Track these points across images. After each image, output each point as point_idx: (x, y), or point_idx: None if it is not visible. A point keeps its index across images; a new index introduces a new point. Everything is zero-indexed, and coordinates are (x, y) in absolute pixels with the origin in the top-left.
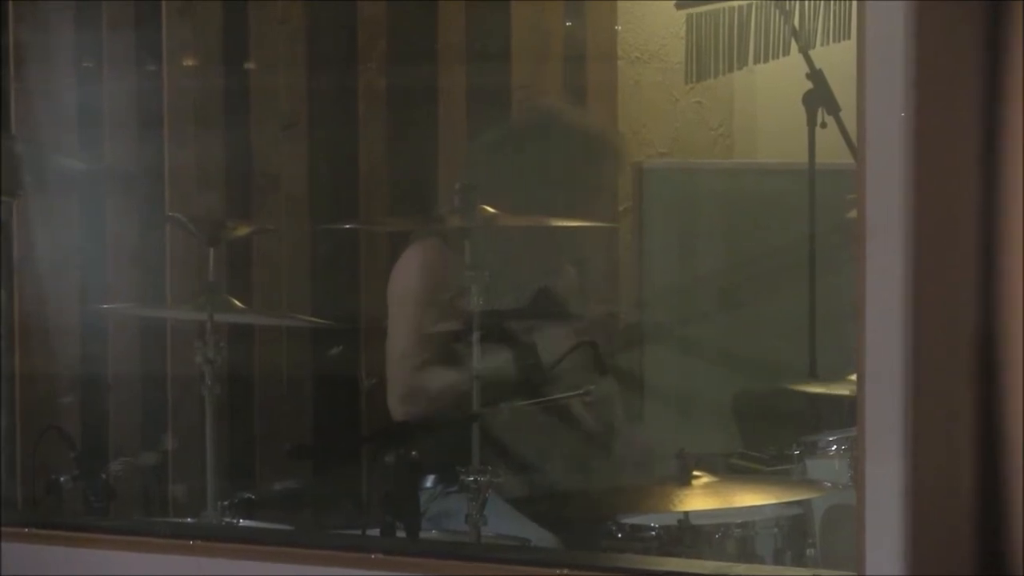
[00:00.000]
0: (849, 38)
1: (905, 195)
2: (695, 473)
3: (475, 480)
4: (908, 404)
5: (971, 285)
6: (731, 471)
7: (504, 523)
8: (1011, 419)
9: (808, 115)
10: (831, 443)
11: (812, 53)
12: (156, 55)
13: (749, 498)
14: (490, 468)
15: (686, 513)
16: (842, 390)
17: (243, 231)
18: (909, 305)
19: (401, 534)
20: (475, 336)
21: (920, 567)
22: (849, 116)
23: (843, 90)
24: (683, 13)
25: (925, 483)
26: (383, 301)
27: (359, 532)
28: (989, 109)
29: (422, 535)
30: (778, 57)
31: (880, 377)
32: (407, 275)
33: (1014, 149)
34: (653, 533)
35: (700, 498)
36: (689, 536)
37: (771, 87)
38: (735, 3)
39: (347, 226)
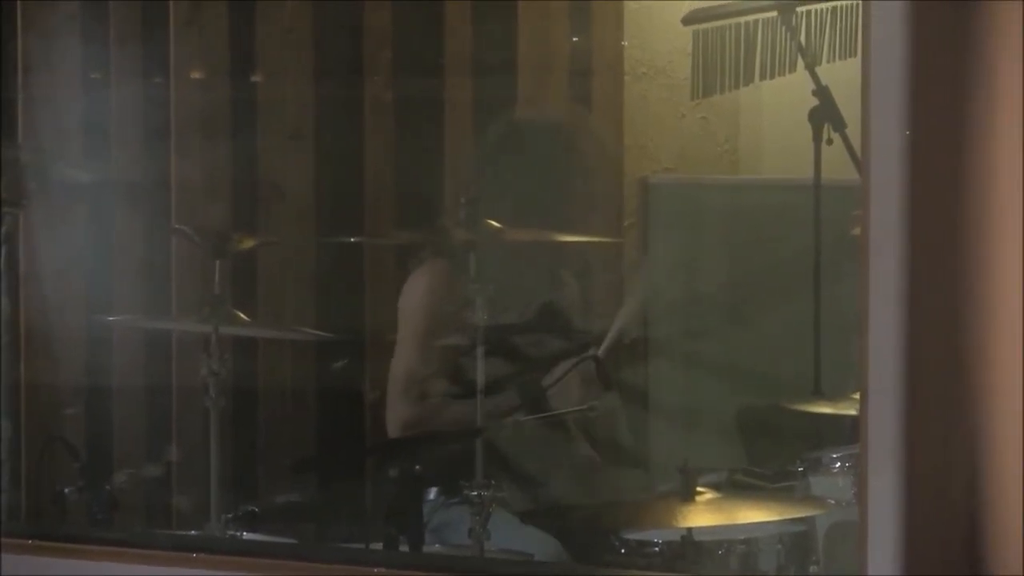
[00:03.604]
0: (855, 55)
1: (909, 211)
2: (698, 489)
3: (479, 494)
4: (909, 417)
5: (972, 301)
6: (735, 487)
7: (507, 537)
8: (1002, 430)
9: (814, 131)
10: (835, 460)
11: (818, 70)
12: (163, 66)
13: (753, 514)
14: (493, 482)
15: (689, 529)
16: (847, 408)
17: (248, 243)
18: (912, 320)
19: (404, 548)
20: (480, 350)
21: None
22: (855, 133)
23: (849, 107)
24: (690, 29)
25: (925, 495)
26: (388, 314)
27: (362, 546)
28: (990, 123)
29: (425, 549)
30: (784, 74)
31: (883, 391)
32: (412, 300)
33: (1012, 161)
34: (656, 549)
35: (703, 514)
36: (692, 552)
37: (777, 103)
38: (742, 19)
39: (352, 239)
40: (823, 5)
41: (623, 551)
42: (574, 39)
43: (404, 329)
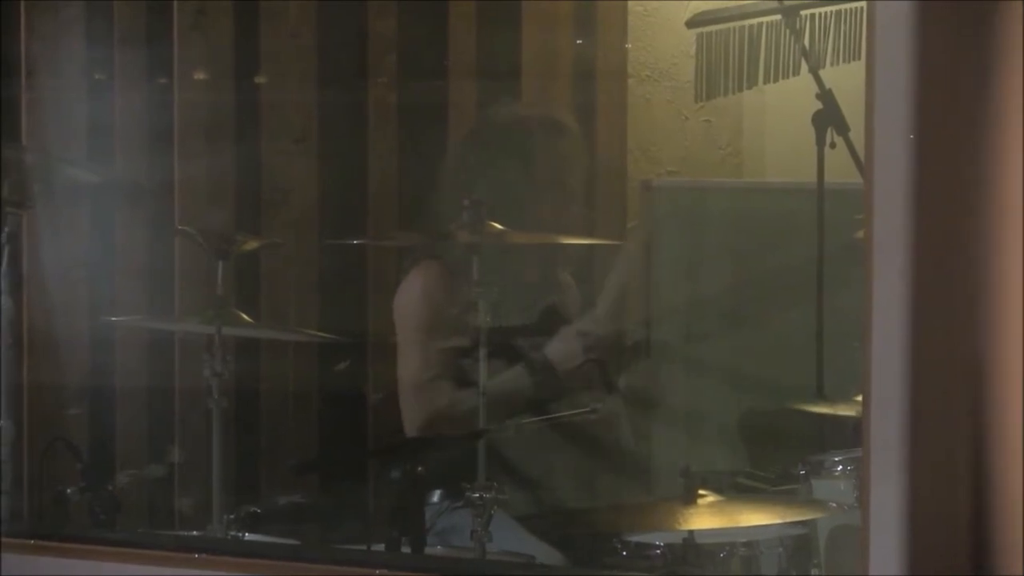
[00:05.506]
0: (859, 58)
1: (912, 215)
2: (700, 492)
3: (481, 496)
4: (912, 422)
5: (975, 305)
6: (737, 490)
7: (509, 540)
8: (1005, 435)
9: (817, 135)
10: (837, 463)
11: (822, 73)
12: (167, 69)
13: (754, 517)
14: (495, 485)
15: (691, 531)
16: (849, 411)
17: (252, 245)
18: (915, 324)
19: (406, 549)
20: (482, 352)
21: None
22: (859, 136)
23: (853, 110)
24: (693, 32)
25: (927, 500)
26: (391, 316)
27: (364, 547)
28: (995, 127)
29: (427, 551)
30: (788, 77)
31: (886, 395)
32: (409, 301)
33: (1016, 165)
34: (658, 551)
35: (705, 517)
36: (694, 555)
37: (780, 107)
38: (746, 22)
39: (355, 241)
40: (827, 8)
41: (624, 553)
42: (578, 42)
43: (403, 333)
